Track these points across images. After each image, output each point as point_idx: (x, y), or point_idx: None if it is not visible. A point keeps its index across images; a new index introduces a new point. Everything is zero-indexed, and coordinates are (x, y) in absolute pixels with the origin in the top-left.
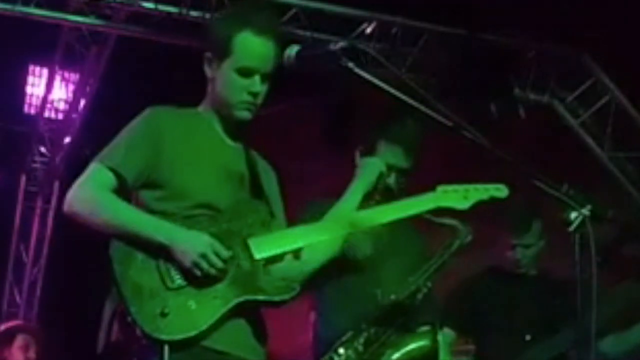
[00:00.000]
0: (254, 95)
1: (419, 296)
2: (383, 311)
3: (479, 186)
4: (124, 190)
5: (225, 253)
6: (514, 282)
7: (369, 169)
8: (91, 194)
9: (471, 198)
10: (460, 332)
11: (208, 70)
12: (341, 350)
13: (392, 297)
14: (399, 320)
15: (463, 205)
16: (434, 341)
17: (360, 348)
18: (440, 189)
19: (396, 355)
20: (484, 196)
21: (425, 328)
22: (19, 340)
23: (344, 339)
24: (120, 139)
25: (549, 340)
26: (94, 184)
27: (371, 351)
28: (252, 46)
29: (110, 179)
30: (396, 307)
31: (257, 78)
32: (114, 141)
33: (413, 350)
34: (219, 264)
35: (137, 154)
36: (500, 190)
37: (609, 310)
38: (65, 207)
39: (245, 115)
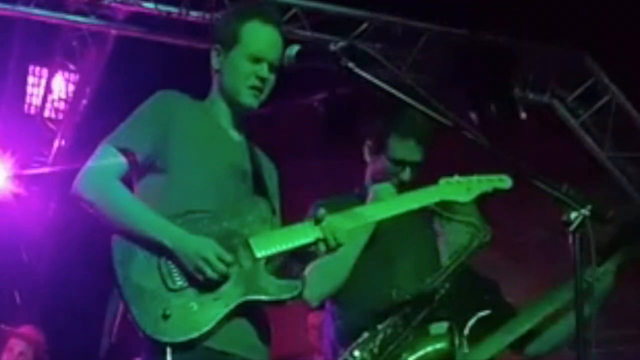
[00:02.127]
0: (262, 80)
1: (437, 297)
2: (399, 311)
3: (482, 177)
4: (132, 171)
5: (229, 258)
6: None
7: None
8: (98, 184)
9: (474, 190)
10: None
11: (215, 62)
12: (356, 353)
13: (408, 297)
14: (414, 321)
15: (466, 197)
16: (451, 344)
17: (376, 350)
18: (443, 181)
19: (412, 357)
20: (487, 188)
21: (440, 325)
22: (10, 344)
23: (359, 340)
24: (131, 119)
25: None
26: (102, 170)
27: (387, 353)
28: (260, 33)
29: (120, 162)
30: (412, 308)
31: (265, 65)
32: (124, 122)
33: (429, 352)
34: (222, 268)
35: (148, 132)
36: (503, 182)
37: (548, 310)
38: (73, 190)
39: (251, 101)
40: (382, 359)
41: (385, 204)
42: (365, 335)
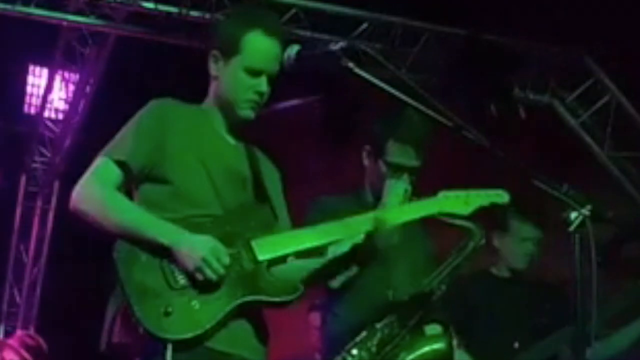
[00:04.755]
0: (260, 95)
1: (433, 298)
2: (395, 312)
3: (480, 192)
4: (130, 182)
5: (227, 259)
6: (506, 285)
7: (394, 193)
8: (96, 193)
9: (472, 204)
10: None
11: (213, 68)
12: (354, 351)
13: (405, 297)
14: (411, 321)
15: (464, 211)
16: (449, 345)
17: (374, 349)
18: (442, 194)
19: (410, 357)
20: (485, 202)
21: (437, 327)
22: (3, 354)
23: (357, 339)
24: (125, 130)
25: (543, 342)
26: (99, 181)
27: (384, 353)
28: (262, 46)
29: (116, 173)
30: (409, 308)
31: (263, 78)
32: (119, 133)
33: (427, 353)
34: (221, 270)
35: (143, 144)
36: (500, 196)
37: (607, 313)
38: (71, 204)
39: (249, 114)
40: (380, 358)
41: (384, 214)
42: (364, 333)
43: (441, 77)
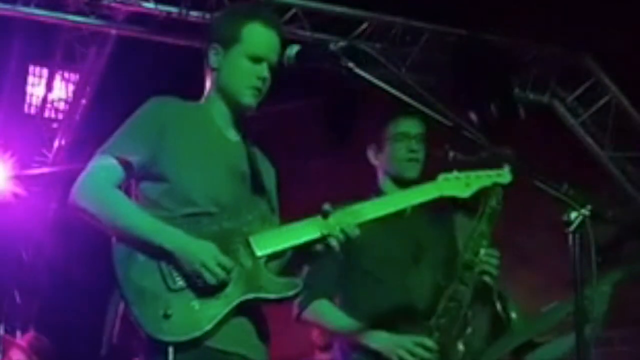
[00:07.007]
0: (262, 80)
1: (475, 270)
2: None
3: (481, 172)
4: (129, 180)
5: (229, 264)
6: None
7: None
8: (96, 192)
9: (473, 185)
10: None
11: (214, 60)
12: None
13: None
14: (464, 302)
15: (465, 193)
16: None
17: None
18: (442, 177)
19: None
20: (487, 183)
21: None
22: (10, 353)
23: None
24: (124, 127)
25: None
26: (99, 179)
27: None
28: (262, 35)
29: (116, 170)
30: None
31: (265, 65)
32: (118, 130)
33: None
34: (221, 275)
35: (141, 141)
36: (502, 176)
37: (541, 327)
38: (70, 201)
39: (251, 101)
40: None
41: (385, 201)
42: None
43: (441, 77)
